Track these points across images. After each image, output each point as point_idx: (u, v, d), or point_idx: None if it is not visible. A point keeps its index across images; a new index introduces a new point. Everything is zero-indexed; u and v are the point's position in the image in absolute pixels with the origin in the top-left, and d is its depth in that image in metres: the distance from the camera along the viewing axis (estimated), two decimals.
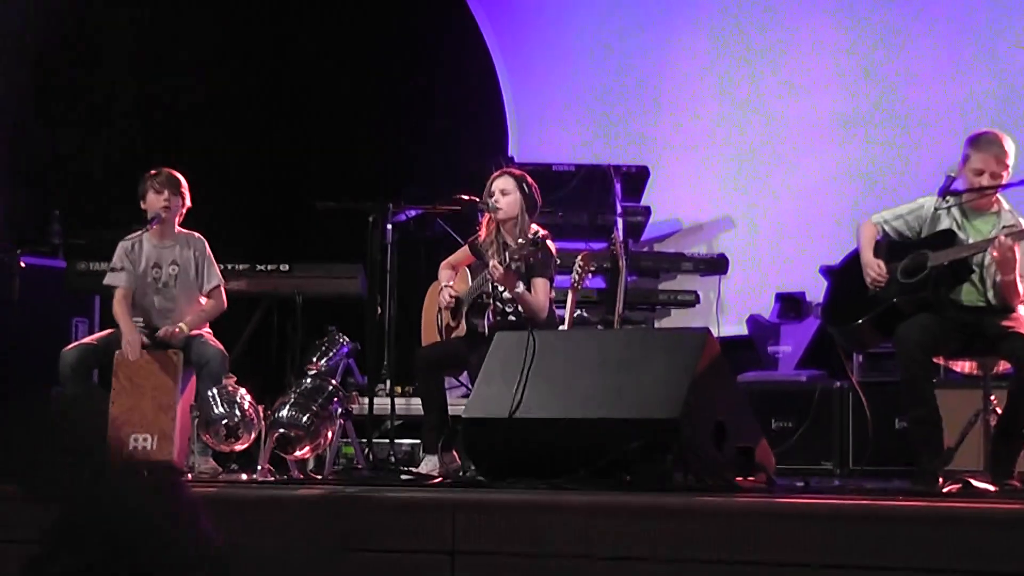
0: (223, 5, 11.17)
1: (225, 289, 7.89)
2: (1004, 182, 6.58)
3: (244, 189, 10.88)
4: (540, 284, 7.28)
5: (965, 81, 9.64)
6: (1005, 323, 6.46)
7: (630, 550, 4.92)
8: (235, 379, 7.21)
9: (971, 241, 6.57)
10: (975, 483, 6.05)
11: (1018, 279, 6.45)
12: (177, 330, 7.57)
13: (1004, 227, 6.52)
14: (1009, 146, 6.57)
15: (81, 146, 10.44)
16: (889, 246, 6.77)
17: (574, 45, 11.06)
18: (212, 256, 7.85)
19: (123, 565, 2.73)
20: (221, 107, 10.98)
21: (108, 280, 7.79)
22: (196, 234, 7.87)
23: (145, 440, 7.43)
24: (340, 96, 11.39)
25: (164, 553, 2.77)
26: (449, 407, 7.41)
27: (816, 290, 8.33)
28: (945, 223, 6.65)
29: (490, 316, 7.33)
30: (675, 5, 10.75)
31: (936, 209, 6.67)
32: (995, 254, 6.37)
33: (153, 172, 7.77)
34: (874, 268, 6.71)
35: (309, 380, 7.19)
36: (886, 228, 6.80)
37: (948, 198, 6.59)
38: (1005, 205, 6.67)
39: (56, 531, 2.78)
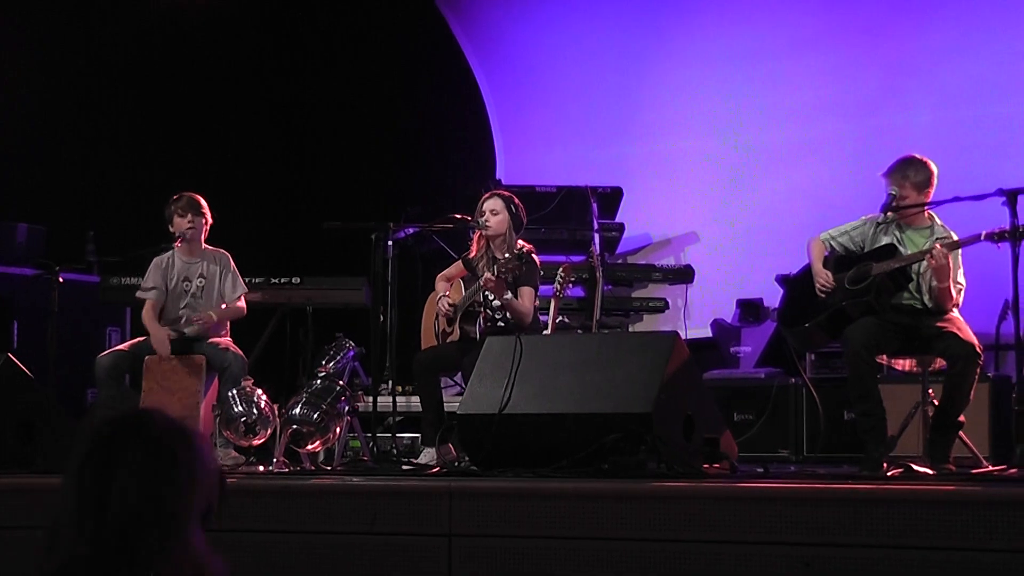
0: (244, 47, 11.18)
1: (246, 298, 7.90)
2: (929, 197, 6.61)
3: (261, 212, 10.88)
4: (526, 292, 7.30)
5: (903, 111, 9.68)
6: (939, 324, 6.48)
7: (609, 531, 4.93)
8: (252, 381, 7.20)
9: (908, 252, 6.60)
10: (915, 467, 6.06)
11: (951, 285, 6.48)
12: (206, 317, 7.58)
13: (938, 239, 6.55)
14: (916, 166, 6.60)
15: (113, 173, 10.44)
16: (836, 259, 6.79)
17: (554, 79, 11.08)
18: (237, 270, 7.85)
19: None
20: (242, 139, 10.99)
21: (140, 295, 7.81)
22: (222, 250, 7.88)
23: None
24: (347, 128, 11.40)
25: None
26: (445, 404, 7.40)
27: (772, 297, 8.33)
28: (885, 239, 6.68)
29: (481, 323, 7.33)
30: (646, 43, 10.77)
31: (878, 224, 6.70)
32: (933, 263, 6.40)
33: (176, 197, 7.78)
34: (823, 276, 6.73)
35: (319, 381, 7.17)
36: (833, 244, 6.83)
37: (888, 214, 6.63)
38: (937, 220, 6.71)
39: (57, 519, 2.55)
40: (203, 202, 7.79)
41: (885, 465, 6.19)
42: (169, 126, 10.77)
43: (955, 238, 6.56)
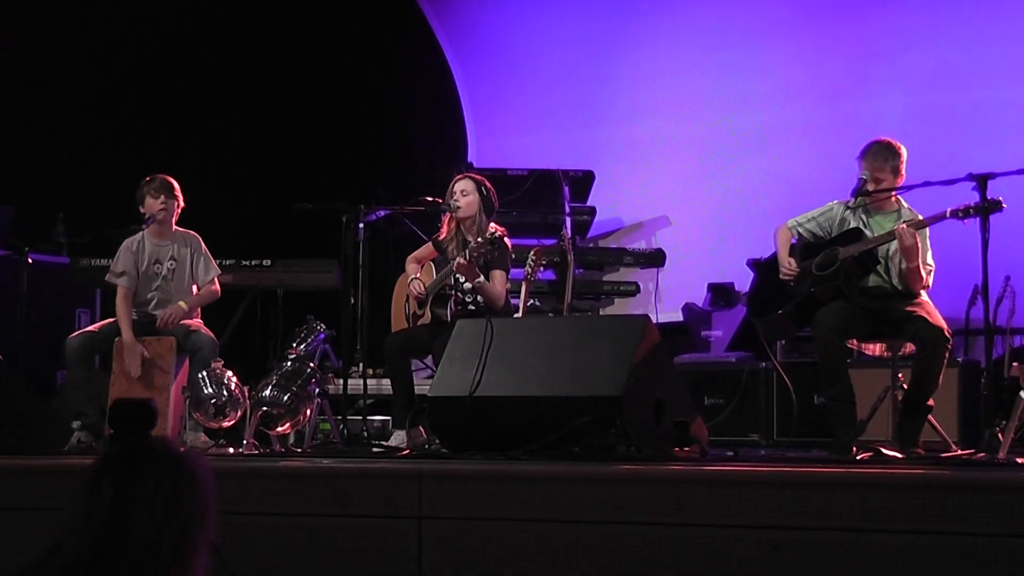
0: (215, 29, 11.12)
1: (219, 280, 7.86)
2: (900, 182, 6.62)
3: (231, 193, 10.82)
4: (498, 275, 7.29)
5: (873, 96, 9.70)
6: (908, 308, 6.50)
7: (578, 514, 4.92)
8: (223, 363, 7.17)
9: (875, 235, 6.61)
10: (885, 451, 6.09)
11: (920, 266, 6.49)
12: (173, 313, 7.51)
13: (904, 221, 6.56)
14: (890, 149, 6.61)
15: (83, 153, 10.38)
16: (804, 246, 6.80)
17: (526, 63, 11.07)
18: (208, 252, 7.81)
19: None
20: (214, 122, 10.93)
21: (110, 279, 7.73)
22: (192, 232, 7.82)
23: (156, 420, 7.35)
24: (319, 111, 11.37)
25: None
26: (416, 387, 7.39)
27: (744, 281, 8.35)
28: (852, 223, 6.69)
29: (452, 306, 7.32)
30: (618, 27, 10.77)
31: (845, 209, 6.71)
32: (900, 243, 6.41)
33: (148, 179, 7.72)
34: (786, 265, 6.73)
35: (289, 363, 7.16)
36: (800, 231, 6.83)
37: (857, 199, 6.63)
38: (904, 204, 6.72)
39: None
40: (176, 184, 7.74)
41: (854, 449, 6.21)
42: (140, 107, 10.71)
43: (921, 219, 6.57)
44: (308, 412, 7.09)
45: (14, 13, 10.25)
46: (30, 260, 7.97)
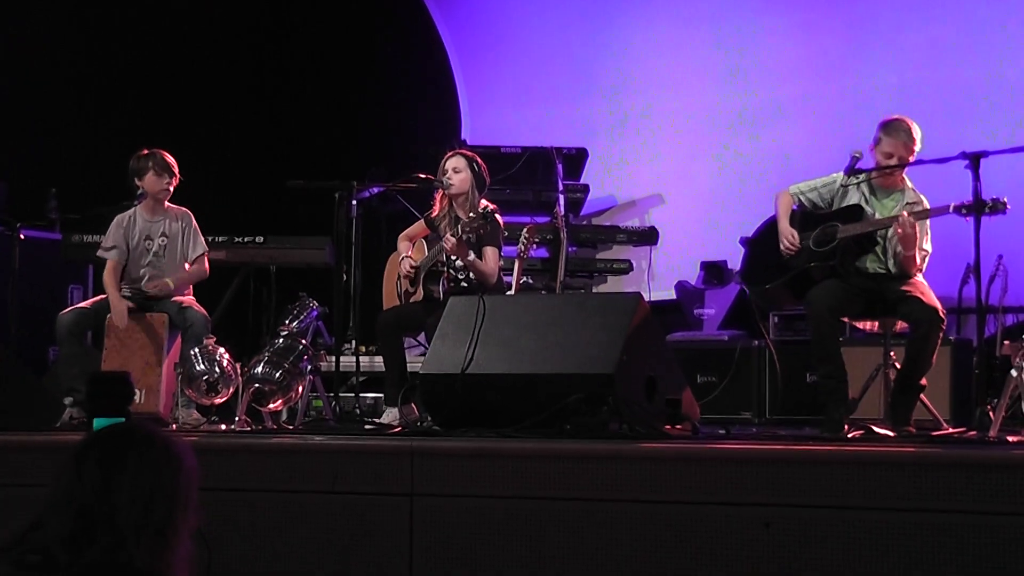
0: (206, 6, 11.08)
1: (208, 258, 7.84)
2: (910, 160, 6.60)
3: (225, 170, 10.79)
4: (490, 252, 7.28)
5: (870, 72, 9.68)
6: (903, 288, 6.49)
7: (570, 491, 4.93)
8: (215, 339, 7.17)
9: (877, 215, 6.59)
10: (876, 429, 6.10)
11: (917, 252, 6.48)
12: (163, 284, 7.52)
13: (908, 204, 6.54)
14: (916, 132, 6.58)
15: (75, 129, 10.35)
16: (803, 216, 6.78)
17: (520, 38, 11.04)
18: (198, 228, 7.79)
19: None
20: (205, 97, 10.90)
21: (101, 254, 7.73)
22: (184, 209, 7.80)
23: (134, 394, 7.37)
24: (312, 86, 11.34)
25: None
26: (408, 364, 7.39)
27: (737, 259, 8.34)
28: (854, 198, 6.66)
29: (444, 283, 7.32)
30: (613, 3, 10.74)
31: (846, 184, 6.67)
32: (899, 231, 6.39)
33: (146, 153, 7.65)
34: (788, 237, 6.71)
35: (282, 340, 7.15)
36: (802, 199, 6.81)
37: (855, 175, 6.60)
38: (908, 184, 6.69)
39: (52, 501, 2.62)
40: (174, 162, 7.71)
41: (846, 427, 6.21)
42: (131, 82, 10.68)
43: (925, 203, 6.55)
44: (300, 389, 7.08)
45: None
46: (22, 236, 7.95)
